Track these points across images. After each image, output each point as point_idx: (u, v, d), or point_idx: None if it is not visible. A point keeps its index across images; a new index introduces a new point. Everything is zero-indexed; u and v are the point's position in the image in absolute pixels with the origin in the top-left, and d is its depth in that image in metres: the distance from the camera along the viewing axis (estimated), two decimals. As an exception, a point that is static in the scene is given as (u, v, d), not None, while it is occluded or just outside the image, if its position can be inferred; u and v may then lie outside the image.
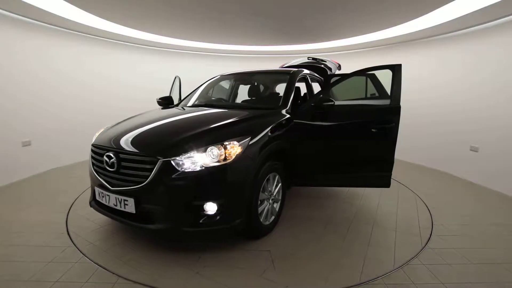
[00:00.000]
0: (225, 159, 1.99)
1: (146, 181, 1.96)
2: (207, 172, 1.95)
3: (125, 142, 2.17)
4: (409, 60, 5.30)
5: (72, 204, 3.14)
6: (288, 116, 2.69)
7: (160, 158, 1.94)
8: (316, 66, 4.12)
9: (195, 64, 6.99)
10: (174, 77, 4.06)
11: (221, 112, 2.79)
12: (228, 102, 3.67)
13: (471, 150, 4.32)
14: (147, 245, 2.32)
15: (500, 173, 3.87)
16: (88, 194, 3.16)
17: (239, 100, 3.77)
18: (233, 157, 2.01)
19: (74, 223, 2.71)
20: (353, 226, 2.73)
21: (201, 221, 1.98)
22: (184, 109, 3.10)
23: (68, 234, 2.49)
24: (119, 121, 2.79)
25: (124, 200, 2.03)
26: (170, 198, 1.97)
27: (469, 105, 4.37)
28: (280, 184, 2.62)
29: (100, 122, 3.45)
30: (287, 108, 2.79)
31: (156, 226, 1.99)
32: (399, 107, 2.66)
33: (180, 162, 1.94)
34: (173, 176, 1.92)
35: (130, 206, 2.02)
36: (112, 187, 2.13)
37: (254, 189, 2.18)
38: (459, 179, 4.40)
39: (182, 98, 3.69)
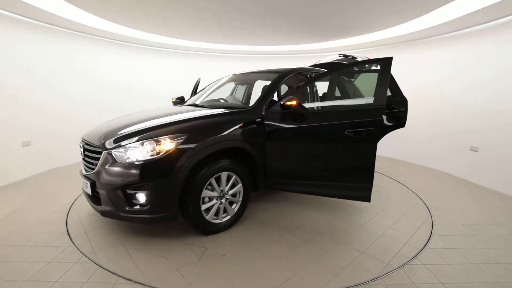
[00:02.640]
0: (158, 153, 2.14)
1: (96, 168, 2.26)
2: (140, 164, 2.13)
3: (91, 135, 2.53)
4: (409, 60, 5.31)
5: (72, 204, 3.14)
6: (257, 116, 2.68)
7: (104, 149, 2.22)
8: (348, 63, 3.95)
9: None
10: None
11: (186, 111, 2.77)
12: (217, 102, 3.54)
13: (471, 150, 4.32)
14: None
15: (500, 173, 3.87)
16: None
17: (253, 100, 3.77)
18: (164, 152, 2.14)
19: (74, 223, 2.71)
20: (315, 240, 2.46)
21: (133, 209, 2.19)
22: (171, 108, 3.17)
23: (68, 234, 2.50)
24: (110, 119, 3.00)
25: (86, 183, 2.38)
26: (110, 185, 2.18)
27: (470, 105, 4.36)
28: (240, 185, 2.60)
29: (100, 121, 3.45)
30: (261, 108, 2.74)
31: (101, 208, 2.30)
32: (382, 108, 2.35)
33: (120, 154, 2.17)
34: (112, 166, 2.17)
35: (88, 188, 2.35)
36: (84, 172, 2.47)
37: (193, 185, 2.27)
38: (459, 179, 4.40)
39: (187, 98, 3.84)
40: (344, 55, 4.01)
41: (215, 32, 5.22)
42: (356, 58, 3.97)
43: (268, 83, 3.09)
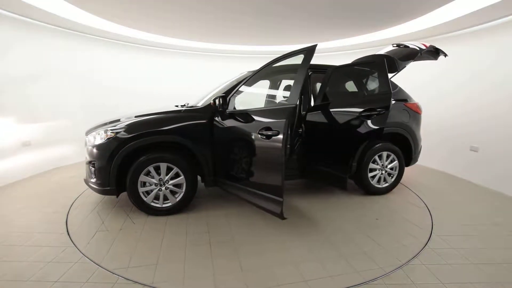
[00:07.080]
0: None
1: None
2: (93, 147, 2.74)
3: (90, 128, 3.10)
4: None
5: (72, 204, 3.14)
6: (206, 115, 2.80)
7: (86, 135, 2.95)
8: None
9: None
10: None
11: (152, 111, 3.00)
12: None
13: (471, 150, 4.32)
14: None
15: (500, 173, 3.87)
16: (88, 194, 3.44)
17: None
18: (106, 140, 2.67)
19: (74, 223, 2.71)
20: (220, 244, 2.33)
21: (92, 181, 2.79)
22: (151, 109, 3.33)
23: (68, 234, 2.50)
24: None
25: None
26: (86, 160, 2.87)
27: (469, 105, 4.36)
28: (182, 177, 2.78)
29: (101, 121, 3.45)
30: (214, 107, 2.78)
31: (84, 176, 3.00)
32: (294, 109, 2.14)
33: (91, 138, 2.80)
34: (87, 147, 2.84)
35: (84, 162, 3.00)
36: None
37: (131, 170, 2.66)
38: (459, 179, 4.40)
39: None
40: (398, 45, 3.77)
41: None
42: (408, 46, 3.62)
43: (288, 82, 3.06)
